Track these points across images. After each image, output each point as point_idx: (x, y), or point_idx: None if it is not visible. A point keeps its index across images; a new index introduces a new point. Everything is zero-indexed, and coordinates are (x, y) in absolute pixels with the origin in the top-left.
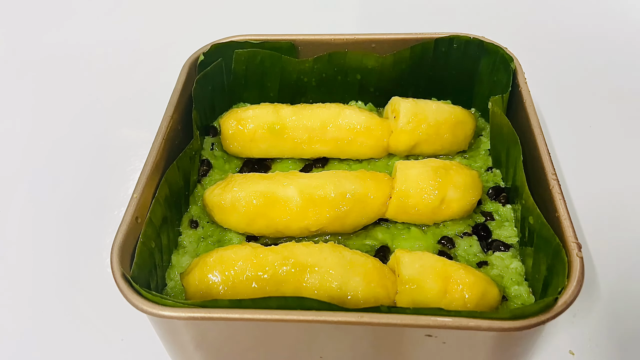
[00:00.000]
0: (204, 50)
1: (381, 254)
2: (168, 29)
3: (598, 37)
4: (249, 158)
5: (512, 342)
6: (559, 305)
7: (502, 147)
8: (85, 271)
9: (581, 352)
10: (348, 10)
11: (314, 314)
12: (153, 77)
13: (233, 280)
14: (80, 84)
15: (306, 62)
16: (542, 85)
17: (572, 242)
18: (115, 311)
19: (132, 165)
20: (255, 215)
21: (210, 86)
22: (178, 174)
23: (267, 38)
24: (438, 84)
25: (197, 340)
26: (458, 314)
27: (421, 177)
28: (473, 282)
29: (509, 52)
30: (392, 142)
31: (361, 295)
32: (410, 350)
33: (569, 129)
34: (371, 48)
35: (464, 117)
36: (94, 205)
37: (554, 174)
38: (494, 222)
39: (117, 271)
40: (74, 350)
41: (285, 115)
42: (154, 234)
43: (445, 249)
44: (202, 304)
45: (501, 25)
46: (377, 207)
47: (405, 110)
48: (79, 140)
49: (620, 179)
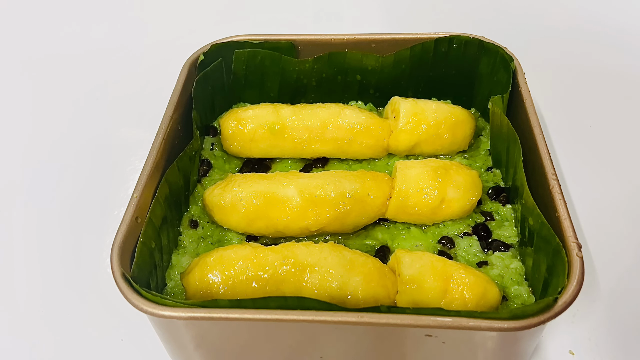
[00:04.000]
0: (204, 50)
1: (381, 254)
2: (168, 29)
3: (598, 37)
4: (249, 158)
5: (512, 342)
6: (559, 305)
7: (502, 147)
8: (85, 271)
9: (581, 352)
10: (348, 10)
11: (314, 314)
12: (153, 77)
13: (233, 280)
14: (80, 84)
15: (306, 62)
16: (542, 85)
17: (572, 242)
18: (115, 311)
19: (132, 165)
20: (255, 215)
21: (210, 86)
22: (178, 174)
23: (267, 38)
24: (438, 84)
25: (197, 340)
26: (458, 314)
27: (421, 177)
28: (473, 282)
29: (509, 52)
30: (392, 142)
31: (361, 295)
32: (410, 350)
33: (569, 129)
34: (371, 48)
35: (463, 117)
36: (94, 205)
37: (554, 174)
38: (494, 222)
39: (117, 271)
40: (74, 350)
41: (285, 115)
42: (154, 234)
43: (445, 249)
44: (202, 304)
45: (501, 25)
46: (377, 207)
47: (405, 110)
48: (78, 140)
49: (620, 179)
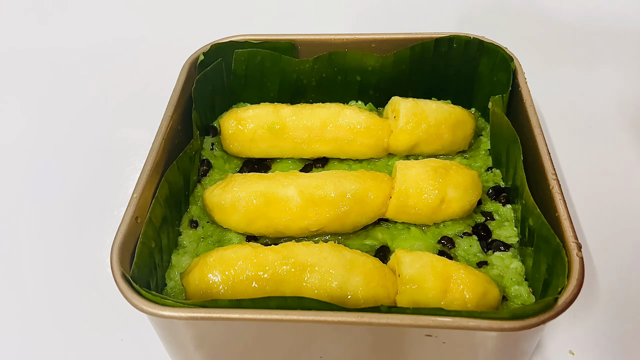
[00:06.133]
0: (204, 50)
1: (381, 254)
2: (168, 29)
3: (599, 37)
4: (249, 158)
5: (512, 342)
6: (559, 305)
7: (502, 147)
8: (85, 271)
9: (581, 352)
10: (348, 10)
11: (314, 314)
12: (153, 77)
13: (233, 280)
14: (80, 84)
15: (306, 62)
16: (542, 85)
17: (572, 242)
18: (115, 311)
19: (132, 165)
20: (255, 215)
21: (210, 86)
22: (178, 174)
23: (267, 38)
24: (438, 84)
25: (197, 340)
26: (458, 314)
27: (421, 177)
28: (473, 282)
29: (509, 52)
30: (392, 142)
31: (361, 295)
32: (410, 350)
33: (569, 129)
34: (371, 48)
35: (463, 117)
36: (94, 205)
37: (554, 174)
38: (494, 222)
39: (117, 271)
40: (74, 350)
41: (285, 115)
42: (154, 234)
43: (445, 249)
44: (202, 304)
45: (501, 25)
46: (377, 207)
47: (405, 110)
48: (78, 140)
49: (620, 179)
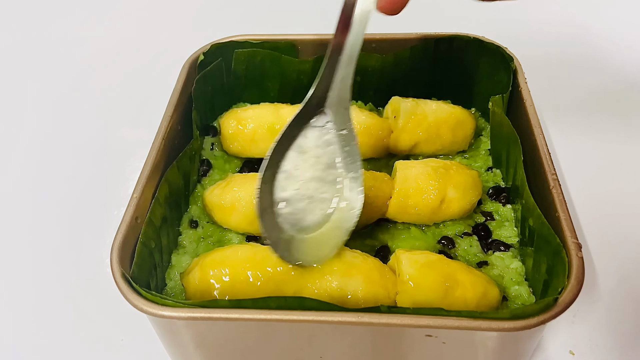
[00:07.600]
0: (204, 50)
1: (381, 254)
2: (168, 29)
3: (599, 36)
4: (249, 158)
5: (512, 342)
6: (559, 306)
7: (502, 147)
8: (85, 271)
9: (581, 352)
10: None
11: (314, 314)
12: (153, 77)
13: (233, 280)
14: (80, 84)
15: (306, 62)
16: (542, 85)
17: (572, 242)
18: (115, 311)
19: (132, 165)
20: (255, 215)
21: (210, 86)
22: (178, 174)
23: (267, 38)
24: (438, 84)
25: (197, 340)
26: (458, 314)
27: (421, 177)
28: (473, 282)
29: (509, 52)
30: (392, 141)
31: (361, 295)
32: (410, 350)
33: (569, 129)
34: (371, 48)
35: (464, 117)
36: (93, 205)
37: (554, 174)
38: (494, 222)
39: (117, 271)
40: (73, 350)
41: (285, 115)
42: (154, 234)
43: (445, 249)
44: (202, 304)
45: (501, 25)
46: (377, 207)
47: (405, 110)
48: (78, 140)
49: (620, 179)
